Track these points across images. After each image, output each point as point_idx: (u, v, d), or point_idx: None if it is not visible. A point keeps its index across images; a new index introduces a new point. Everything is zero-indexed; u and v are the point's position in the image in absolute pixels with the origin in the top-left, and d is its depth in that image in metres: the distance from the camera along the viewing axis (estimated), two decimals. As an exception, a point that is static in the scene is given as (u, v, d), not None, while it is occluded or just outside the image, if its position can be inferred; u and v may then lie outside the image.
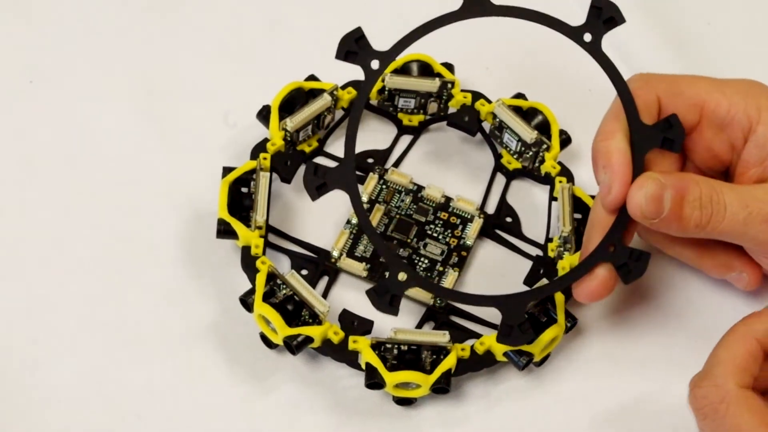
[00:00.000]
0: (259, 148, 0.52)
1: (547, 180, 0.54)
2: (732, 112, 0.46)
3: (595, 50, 0.45)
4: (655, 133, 0.45)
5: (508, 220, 0.53)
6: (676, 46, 0.59)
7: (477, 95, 0.54)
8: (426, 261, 0.51)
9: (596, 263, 0.45)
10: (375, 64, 0.45)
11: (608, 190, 0.45)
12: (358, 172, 0.54)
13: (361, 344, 0.47)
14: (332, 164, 0.47)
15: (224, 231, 0.49)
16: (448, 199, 0.53)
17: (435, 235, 0.52)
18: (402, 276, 0.44)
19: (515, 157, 0.54)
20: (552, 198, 0.53)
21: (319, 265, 0.51)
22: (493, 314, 0.49)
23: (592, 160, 0.46)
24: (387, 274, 0.45)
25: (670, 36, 0.59)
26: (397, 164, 0.55)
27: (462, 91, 0.55)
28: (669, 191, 0.44)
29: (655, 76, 0.47)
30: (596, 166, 0.46)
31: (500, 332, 0.45)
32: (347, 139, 0.45)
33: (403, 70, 0.54)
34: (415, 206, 0.53)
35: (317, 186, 0.45)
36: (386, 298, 0.44)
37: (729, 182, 0.46)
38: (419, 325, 0.50)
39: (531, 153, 0.53)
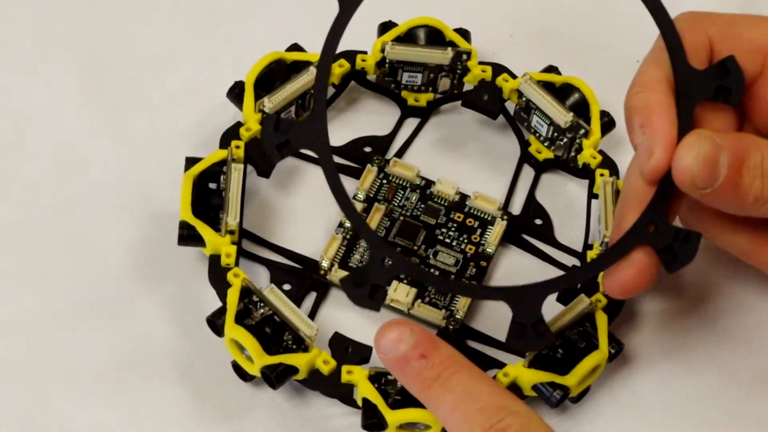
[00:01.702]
0: (231, 134, 0.52)
1: (586, 173, 0.54)
2: None
3: None
4: (708, 81, 0.45)
5: (538, 222, 0.53)
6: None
7: (498, 69, 0.55)
8: (437, 273, 0.51)
9: (633, 246, 0.44)
10: None
11: (648, 155, 0.44)
12: (353, 164, 0.54)
13: (356, 376, 0.47)
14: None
15: (187, 236, 0.49)
16: (464, 197, 0.53)
17: (448, 240, 0.52)
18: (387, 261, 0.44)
19: (546, 144, 0.54)
20: (592, 195, 0.53)
21: (305, 278, 0.51)
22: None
23: (625, 118, 0.45)
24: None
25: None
26: (400, 154, 0.55)
27: (480, 63, 0.55)
28: (725, 154, 0.43)
29: (707, 15, 0.47)
30: (631, 126, 0.45)
31: (510, 333, 0.44)
32: (317, 86, 0.44)
33: (408, 38, 0.55)
34: (423, 205, 0.53)
35: (279, 144, 0.44)
36: (365, 290, 0.44)
37: None
38: None
39: (565, 140, 0.53)
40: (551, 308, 0.49)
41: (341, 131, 0.54)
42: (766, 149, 0.44)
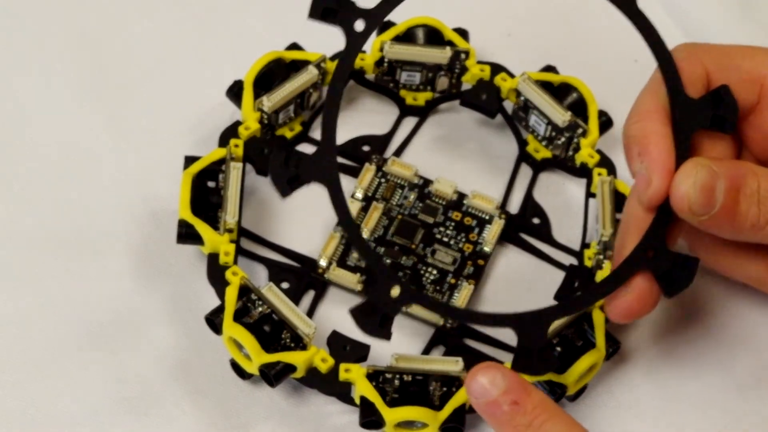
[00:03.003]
0: (230, 132, 0.52)
1: (584, 172, 0.54)
2: None
3: (628, 6, 0.45)
4: (703, 110, 0.45)
5: (536, 221, 0.54)
6: (743, 4, 0.60)
7: (497, 68, 0.55)
8: (434, 272, 0.51)
9: (633, 272, 0.45)
10: (359, 25, 0.44)
11: (647, 183, 0.45)
12: (352, 163, 0.54)
13: (354, 374, 0.47)
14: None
15: (186, 235, 0.49)
16: (462, 196, 0.53)
17: (446, 239, 0.52)
18: (395, 291, 0.44)
19: (544, 144, 0.54)
20: (589, 194, 0.53)
21: (303, 276, 0.51)
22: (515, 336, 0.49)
23: (624, 147, 0.46)
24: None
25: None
26: (399, 153, 0.55)
27: (478, 62, 0.55)
28: (722, 181, 0.44)
29: (703, 46, 0.47)
30: (630, 154, 0.46)
31: (516, 358, 0.45)
32: (325, 119, 0.44)
33: (407, 38, 0.55)
34: (421, 204, 0.53)
35: (289, 179, 0.44)
36: (375, 319, 0.44)
37: None
38: (426, 351, 0.50)
39: (563, 139, 0.53)
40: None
41: (340, 130, 0.50)
42: (762, 176, 0.44)
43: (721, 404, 0.50)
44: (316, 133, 0.54)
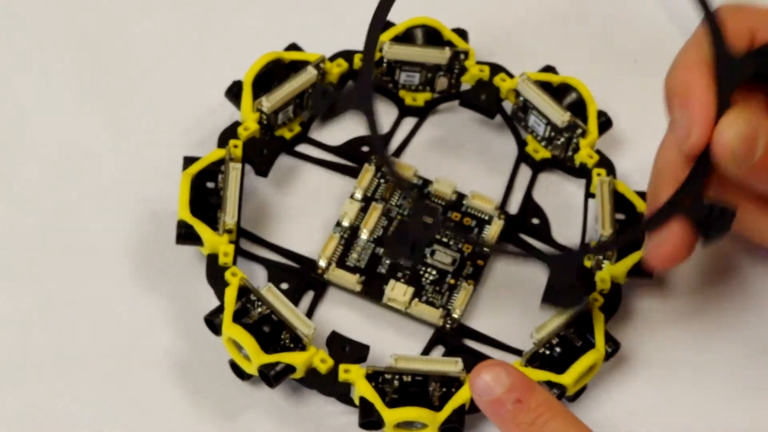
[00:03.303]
0: (229, 133, 0.52)
1: (583, 172, 0.54)
2: None
3: None
4: (746, 65, 0.46)
5: (535, 221, 0.54)
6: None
7: (496, 68, 0.55)
8: (434, 272, 0.51)
9: (671, 217, 0.45)
10: None
11: (687, 132, 0.45)
12: (351, 163, 0.54)
13: (354, 374, 0.47)
14: (318, 152, 0.48)
15: (185, 235, 0.49)
16: (461, 196, 0.53)
17: (445, 240, 0.52)
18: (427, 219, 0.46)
19: (543, 144, 0.54)
20: (588, 194, 0.53)
21: (302, 277, 0.51)
22: (515, 337, 0.50)
23: (665, 97, 0.46)
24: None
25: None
26: (398, 153, 0.55)
27: (478, 63, 0.55)
28: (763, 135, 0.44)
29: (749, 8, 0.47)
30: (671, 104, 0.46)
31: (545, 294, 0.46)
32: (366, 48, 0.44)
33: (406, 38, 0.55)
34: None
35: (327, 105, 0.46)
36: (407, 245, 0.46)
37: None
38: (426, 351, 0.50)
39: (563, 139, 0.53)
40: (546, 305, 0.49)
41: (339, 130, 0.54)
42: None
43: (722, 403, 0.50)
44: (316, 134, 0.54)
